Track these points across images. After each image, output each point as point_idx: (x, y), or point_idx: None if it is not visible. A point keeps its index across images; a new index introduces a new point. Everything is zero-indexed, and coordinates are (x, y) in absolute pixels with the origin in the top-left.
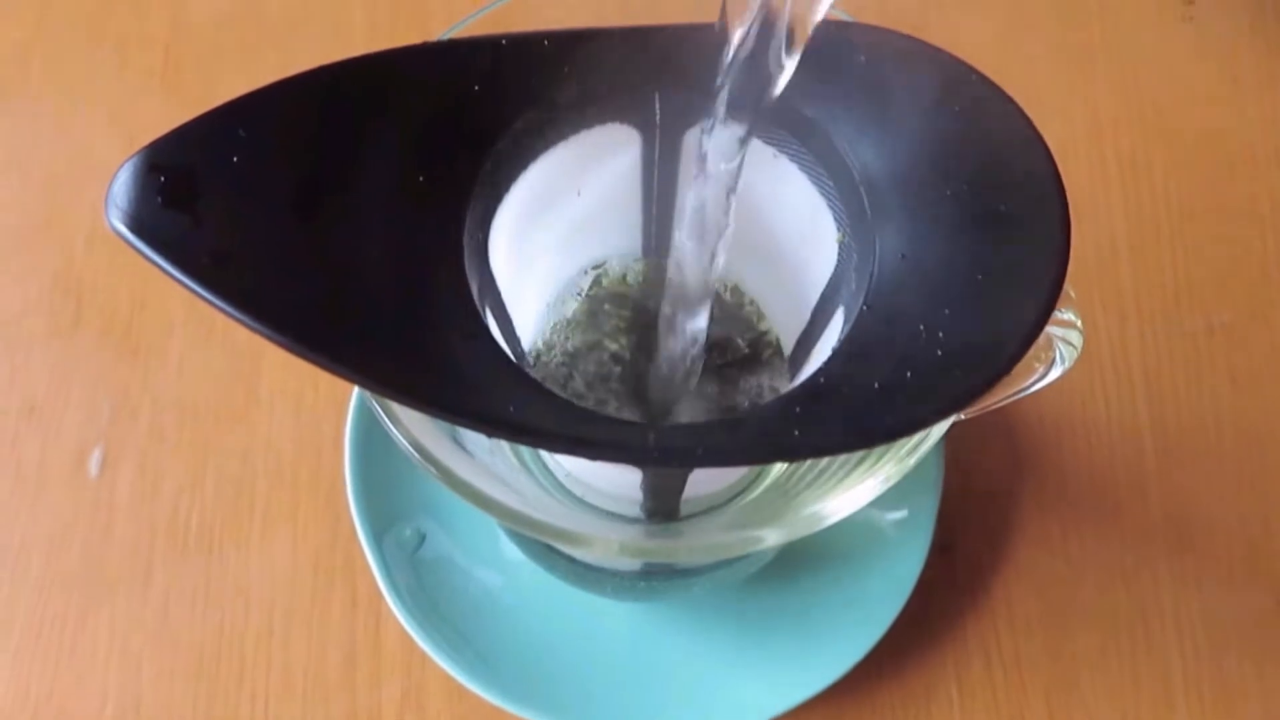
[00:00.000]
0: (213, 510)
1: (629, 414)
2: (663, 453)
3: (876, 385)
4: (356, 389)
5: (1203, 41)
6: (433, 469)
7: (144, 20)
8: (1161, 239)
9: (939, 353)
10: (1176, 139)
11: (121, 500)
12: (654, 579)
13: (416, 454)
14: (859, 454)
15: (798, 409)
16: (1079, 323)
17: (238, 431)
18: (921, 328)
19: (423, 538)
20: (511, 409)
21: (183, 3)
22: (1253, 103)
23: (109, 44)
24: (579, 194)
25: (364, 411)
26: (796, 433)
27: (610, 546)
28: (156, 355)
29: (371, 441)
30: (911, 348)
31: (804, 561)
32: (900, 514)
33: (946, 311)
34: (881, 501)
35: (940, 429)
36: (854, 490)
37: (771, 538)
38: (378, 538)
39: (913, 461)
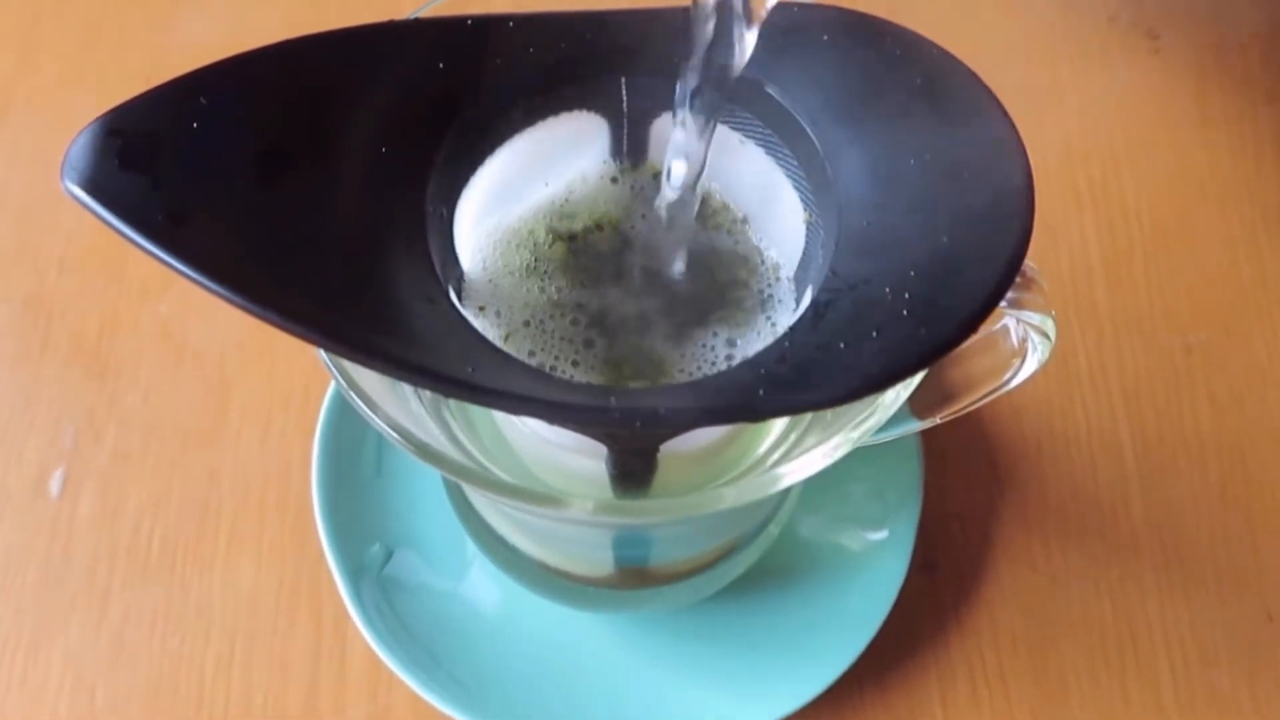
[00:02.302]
0: (176, 532)
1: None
2: (624, 414)
3: (842, 346)
4: (324, 407)
5: (1169, 73)
6: (410, 446)
7: (126, 53)
8: (1135, 261)
9: (905, 313)
10: (1146, 165)
11: (82, 521)
12: (627, 588)
13: (390, 429)
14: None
15: (762, 370)
16: (1052, 311)
17: (204, 453)
18: (887, 290)
19: (390, 553)
20: (470, 370)
21: (166, 35)
22: (1220, 130)
23: (91, 77)
24: (546, 184)
25: (332, 430)
26: (761, 392)
27: (585, 505)
28: (125, 378)
29: (340, 461)
30: (877, 310)
31: (780, 579)
32: (881, 534)
33: (912, 274)
34: (860, 519)
35: (890, 405)
36: (805, 457)
37: (729, 497)
38: (345, 558)
39: (857, 435)
